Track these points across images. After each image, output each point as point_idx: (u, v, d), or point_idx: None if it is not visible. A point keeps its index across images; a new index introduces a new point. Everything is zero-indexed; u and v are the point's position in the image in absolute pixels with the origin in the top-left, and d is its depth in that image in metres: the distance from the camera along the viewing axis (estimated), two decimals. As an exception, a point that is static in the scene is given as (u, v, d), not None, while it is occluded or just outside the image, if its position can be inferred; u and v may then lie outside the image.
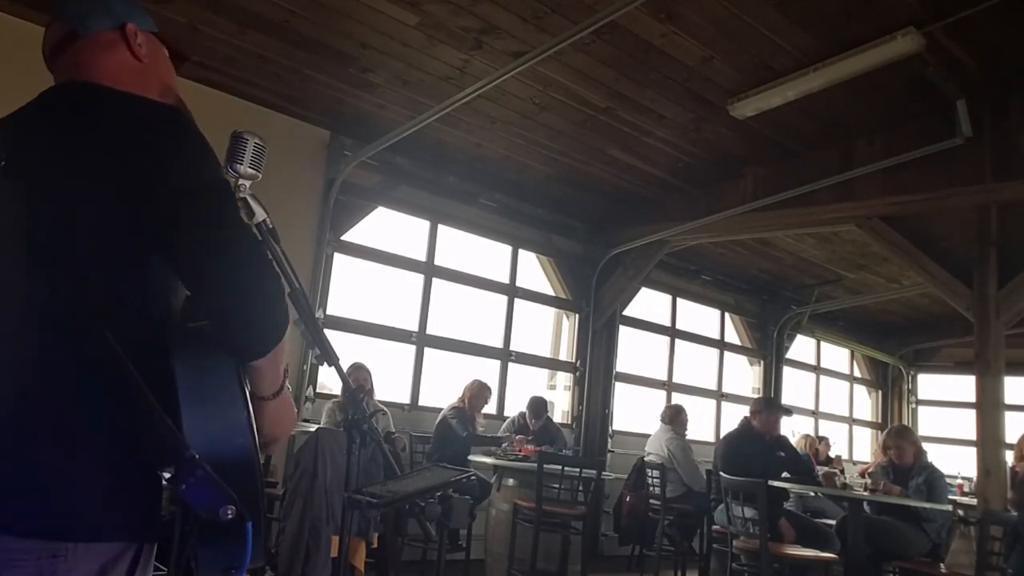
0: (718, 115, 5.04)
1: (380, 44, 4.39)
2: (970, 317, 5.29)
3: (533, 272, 7.14)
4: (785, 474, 5.09)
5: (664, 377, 8.06)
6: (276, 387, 1.14)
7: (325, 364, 1.60)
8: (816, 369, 10.07)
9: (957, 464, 7.68)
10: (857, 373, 10.81)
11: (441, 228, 6.28)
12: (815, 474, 5.56)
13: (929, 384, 10.79)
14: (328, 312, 5.52)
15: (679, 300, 8.29)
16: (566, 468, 4.78)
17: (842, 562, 4.60)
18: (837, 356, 10.52)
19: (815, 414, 9.81)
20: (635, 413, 7.58)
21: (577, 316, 7.24)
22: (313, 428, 3.99)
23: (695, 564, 5.80)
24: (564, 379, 7.31)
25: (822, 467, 6.51)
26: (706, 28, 4.17)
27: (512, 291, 6.80)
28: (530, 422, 5.80)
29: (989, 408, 4.91)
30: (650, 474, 5.80)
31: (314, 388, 5.31)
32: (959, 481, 6.43)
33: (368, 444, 1.72)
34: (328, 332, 4.25)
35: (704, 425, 8.26)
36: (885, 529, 4.75)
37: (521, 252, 6.89)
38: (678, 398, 7.81)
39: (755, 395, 8.75)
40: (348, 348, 5.54)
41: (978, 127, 4.60)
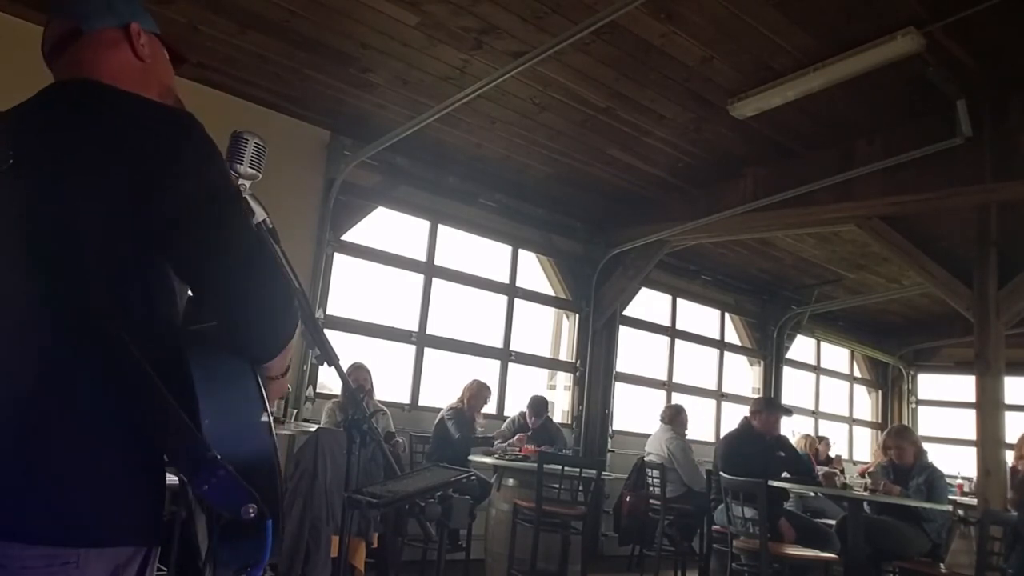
0: (718, 115, 5.04)
1: (380, 44, 4.39)
2: (970, 317, 5.29)
3: (533, 272, 7.15)
4: (785, 474, 5.09)
5: (664, 377, 8.06)
6: (283, 371, 1.16)
7: (325, 364, 1.60)
8: (816, 369, 10.07)
9: (957, 464, 7.68)
10: (857, 373, 10.81)
11: (441, 228, 6.28)
12: (815, 474, 5.56)
13: (929, 384, 10.79)
14: (328, 312, 5.52)
15: (679, 300, 8.29)
16: (566, 468, 4.78)
17: (842, 562, 4.60)
18: (837, 356, 10.52)
19: (815, 414, 9.81)
20: (635, 413, 7.58)
21: (577, 316, 7.24)
22: (313, 428, 3.99)
23: (695, 564, 5.80)
24: (564, 379, 7.31)
25: (822, 467, 6.51)
26: (706, 28, 4.17)
27: (512, 291, 6.80)
28: (529, 420, 5.80)
29: (989, 408, 4.91)
30: (650, 474, 5.80)
31: (314, 388, 5.31)
32: (959, 481, 6.43)
33: (368, 444, 1.72)
34: (328, 332, 4.26)
35: (704, 425, 8.26)
36: (885, 529, 4.76)
37: (521, 252, 6.89)
38: (678, 398, 7.81)
39: (755, 395, 8.75)
40: (348, 348, 5.55)
41: (978, 127, 4.59)
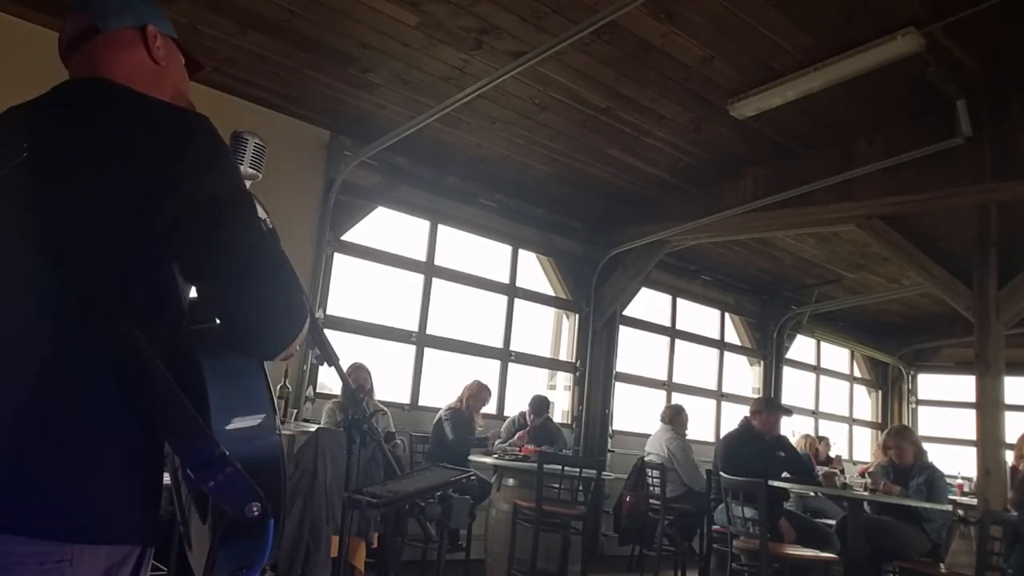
0: (718, 115, 5.04)
1: (380, 44, 4.39)
2: (970, 317, 5.29)
3: (533, 272, 7.15)
4: (785, 474, 5.09)
5: (664, 377, 8.06)
6: (288, 358, 1.17)
7: (325, 364, 1.60)
8: (816, 369, 10.07)
9: (957, 464, 7.69)
10: (857, 373, 10.81)
11: (441, 228, 6.28)
12: (815, 474, 5.56)
13: (929, 384, 10.79)
14: (328, 312, 5.52)
15: (679, 300, 8.29)
16: (566, 468, 4.78)
17: (842, 562, 4.60)
18: (837, 356, 10.52)
19: (815, 414, 9.81)
20: (635, 413, 7.58)
21: (577, 316, 7.24)
22: (313, 428, 3.99)
23: (695, 564, 5.80)
24: (564, 379, 7.31)
25: (822, 467, 6.51)
26: (706, 28, 4.17)
27: (512, 291, 6.80)
28: (529, 419, 5.80)
29: (989, 408, 4.91)
30: (650, 474, 5.80)
31: (314, 388, 5.30)
32: (959, 481, 6.43)
33: (368, 444, 1.72)
34: (328, 332, 4.26)
35: (704, 425, 8.26)
36: (885, 529, 4.76)
37: (521, 252, 6.89)
38: (678, 398, 7.81)
39: (755, 395, 8.75)
40: (348, 348, 5.55)
41: (978, 127, 4.60)
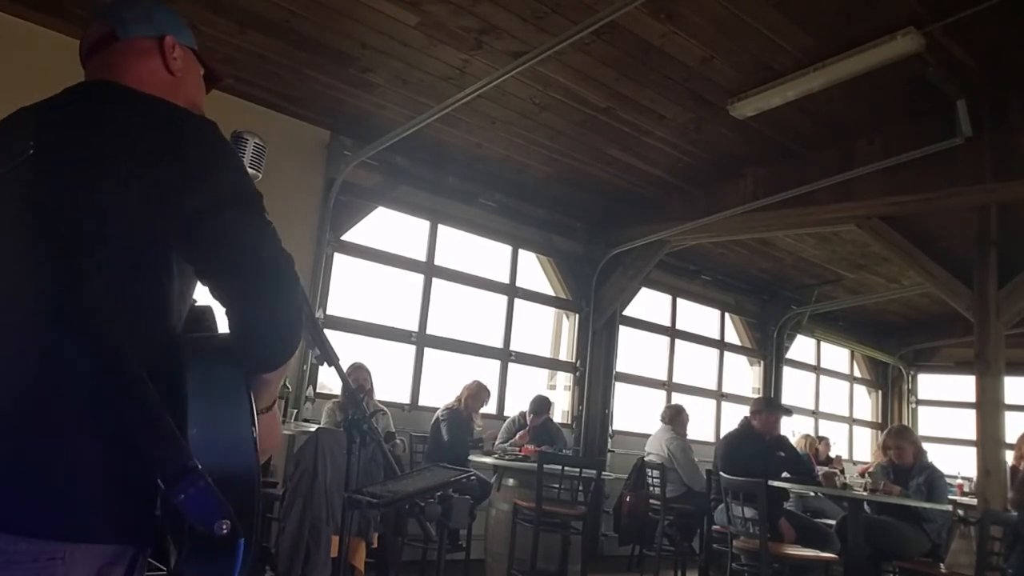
0: (718, 115, 5.04)
1: (380, 44, 4.39)
2: (970, 317, 5.29)
3: (533, 272, 7.14)
4: (785, 474, 5.09)
5: (664, 377, 8.06)
6: (271, 401, 1.16)
7: (325, 364, 1.60)
8: (816, 369, 10.07)
9: (957, 464, 7.69)
10: (857, 373, 10.81)
11: (441, 228, 6.28)
12: (815, 474, 5.56)
13: (929, 384, 10.79)
14: (328, 312, 5.52)
15: (679, 300, 8.29)
16: (566, 468, 4.78)
17: (842, 562, 4.60)
18: (837, 356, 10.51)
19: (815, 414, 9.81)
20: (635, 413, 7.58)
21: (577, 316, 7.24)
22: (313, 428, 3.99)
23: (695, 564, 5.80)
24: (564, 379, 7.31)
25: (822, 467, 6.51)
26: (706, 28, 4.17)
27: (512, 291, 6.80)
28: (529, 418, 5.80)
29: (989, 408, 4.91)
30: (650, 474, 5.80)
31: (314, 388, 5.31)
32: (959, 481, 6.43)
33: (368, 444, 1.72)
34: (328, 332, 4.27)
35: (704, 425, 8.26)
36: (885, 529, 4.76)
37: (521, 252, 6.89)
38: (678, 398, 7.81)
39: (755, 395, 8.75)
40: (348, 348, 5.55)
41: (978, 127, 4.59)
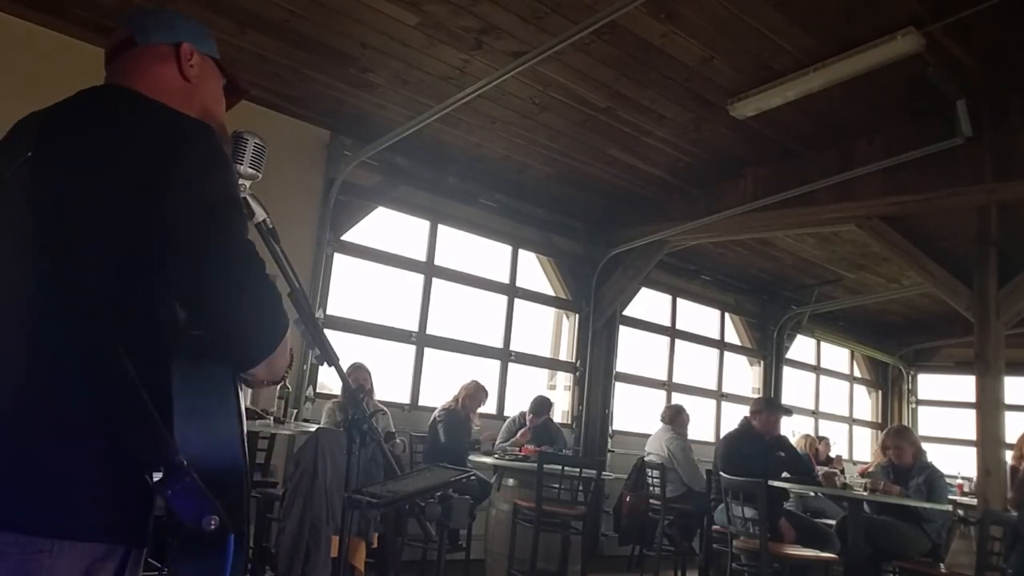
0: (718, 115, 5.04)
1: (380, 44, 4.39)
2: (970, 317, 5.29)
3: (533, 272, 7.14)
4: (785, 474, 5.09)
5: (664, 377, 8.06)
6: (277, 379, 1.18)
7: (325, 364, 1.60)
8: (816, 369, 10.07)
9: (957, 464, 7.69)
10: (857, 373, 10.81)
11: (441, 228, 6.28)
12: (815, 474, 5.55)
13: (929, 384, 10.79)
14: (328, 312, 5.52)
15: (679, 300, 8.29)
16: (566, 468, 4.78)
17: (842, 562, 4.60)
18: (837, 356, 10.51)
19: (815, 414, 9.81)
20: (635, 413, 7.58)
21: (577, 316, 7.24)
22: (313, 428, 3.99)
23: (695, 564, 5.80)
24: (564, 379, 7.31)
25: (822, 467, 6.51)
26: (706, 28, 4.17)
27: (512, 291, 6.80)
28: (528, 418, 5.80)
29: (989, 408, 4.91)
30: (650, 474, 5.80)
31: (314, 388, 5.31)
32: (959, 481, 6.43)
33: (368, 444, 1.72)
34: (328, 332, 4.26)
35: (704, 425, 8.26)
36: (885, 529, 4.75)
37: (521, 252, 6.89)
38: (678, 398, 7.81)
39: (755, 395, 8.75)
40: (348, 348, 5.55)
41: (978, 127, 4.59)
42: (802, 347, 9.75)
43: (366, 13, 4.09)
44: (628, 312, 7.60)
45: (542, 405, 5.85)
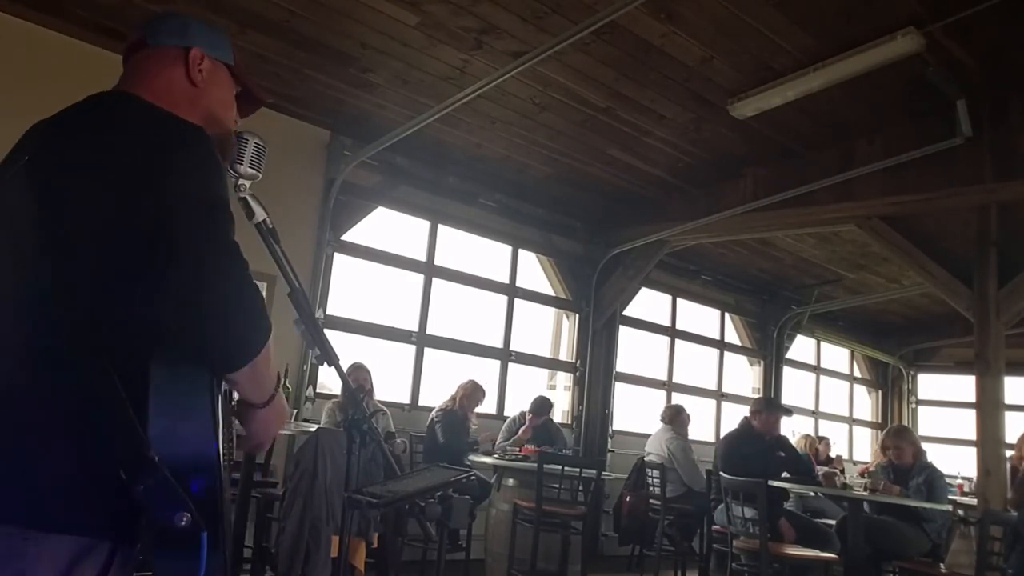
0: (718, 115, 5.04)
1: (380, 44, 4.39)
2: (970, 317, 5.29)
3: (533, 272, 7.15)
4: (785, 474, 5.09)
5: (664, 377, 8.06)
6: (264, 397, 1.17)
7: (325, 364, 1.60)
8: (816, 369, 10.07)
9: (957, 464, 7.69)
10: (857, 373, 10.81)
11: (441, 228, 6.28)
12: (815, 474, 5.56)
13: (929, 384, 10.79)
14: (328, 312, 5.52)
15: (679, 300, 8.29)
16: (566, 468, 4.78)
17: (842, 562, 4.60)
18: (837, 356, 10.52)
19: (815, 414, 9.81)
20: (635, 413, 7.58)
21: (577, 316, 7.24)
22: (313, 428, 3.99)
23: (695, 564, 5.80)
24: (564, 379, 7.31)
25: (822, 467, 6.51)
26: (706, 28, 4.17)
27: (512, 291, 6.80)
28: (528, 418, 5.80)
29: (989, 408, 4.91)
30: (650, 474, 5.80)
31: (314, 388, 5.31)
32: (959, 481, 6.44)
33: (368, 444, 1.72)
34: (328, 332, 4.26)
35: (704, 425, 8.26)
36: (885, 529, 4.75)
37: (521, 252, 6.89)
38: (678, 398, 7.81)
39: (755, 395, 8.75)
40: (348, 348, 5.54)
41: (978, 127, 4.60)
42: (802, 347, 9.75)
43: (366, 13, 4.09)
44: (628, 312, 7.60)
45: (542, 405, 5.84)
